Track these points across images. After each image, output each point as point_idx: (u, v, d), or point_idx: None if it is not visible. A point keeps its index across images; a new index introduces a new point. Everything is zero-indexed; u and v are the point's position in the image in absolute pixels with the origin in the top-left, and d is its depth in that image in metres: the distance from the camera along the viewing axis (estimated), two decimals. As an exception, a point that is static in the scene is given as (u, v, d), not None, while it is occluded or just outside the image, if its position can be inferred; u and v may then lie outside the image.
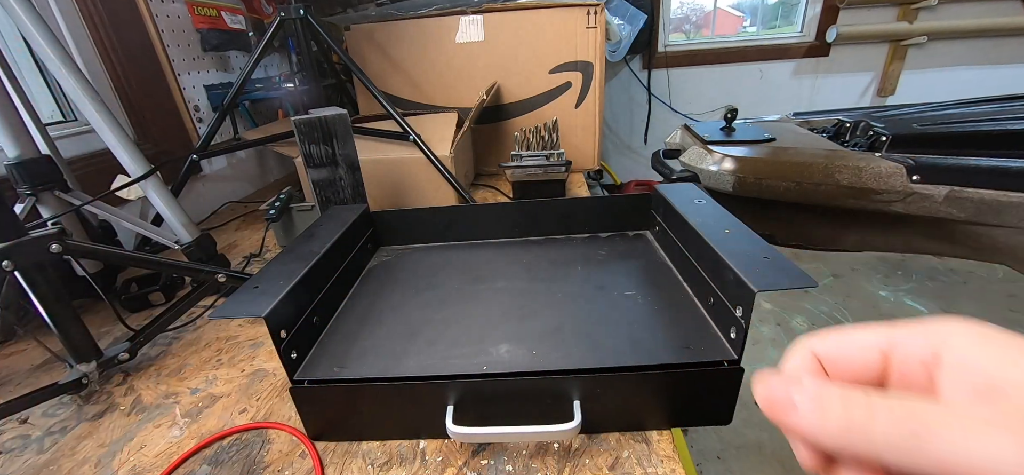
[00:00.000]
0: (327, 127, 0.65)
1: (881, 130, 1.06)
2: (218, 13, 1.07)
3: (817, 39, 2.16)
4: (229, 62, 1.16)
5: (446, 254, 0.61)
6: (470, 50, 1.02)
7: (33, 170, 0.57)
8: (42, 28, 0.56)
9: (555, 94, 1.03)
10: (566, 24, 0.97)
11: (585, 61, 0.99)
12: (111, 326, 0.62)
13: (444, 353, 0.41)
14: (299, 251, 0.47)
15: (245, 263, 0.77)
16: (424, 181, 0.84)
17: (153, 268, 0.64)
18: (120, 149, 0.62)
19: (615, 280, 0.50)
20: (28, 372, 0.55)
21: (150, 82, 0.94)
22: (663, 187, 0.56)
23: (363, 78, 0.89)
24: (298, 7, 0.87)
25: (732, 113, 1.17)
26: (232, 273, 0.59)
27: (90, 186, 0.66)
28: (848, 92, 2.28)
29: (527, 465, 0.36)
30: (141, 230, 0.66)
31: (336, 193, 0.69)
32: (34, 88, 0.82)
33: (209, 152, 0.85)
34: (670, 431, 0.38)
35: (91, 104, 0.59)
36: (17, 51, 0.78)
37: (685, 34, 2.37)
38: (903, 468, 0.14)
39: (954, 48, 2.12)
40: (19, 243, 0.42)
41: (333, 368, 0.40)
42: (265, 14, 1.22)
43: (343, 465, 0.38)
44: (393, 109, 0.83)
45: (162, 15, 0.95)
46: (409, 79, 1.08)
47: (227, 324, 0.60)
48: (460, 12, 1.00)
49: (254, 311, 0.35)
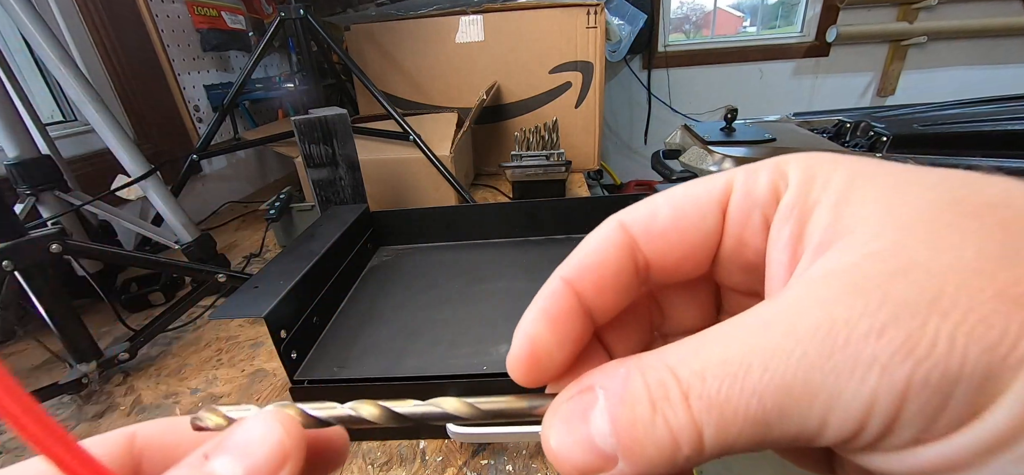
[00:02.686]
0: (327, 127, 0.65)
1: (882, 130, 1.06)
2: (218, 13, 1.07)
3: (817, 39, 2.16)
4: (229, 62, 1.16)
5: (446, 254, 0.61)
6: (470, 50, 1.02)
7: (33, 170, 0.57)
8: (42, 28, 0.56)
9: (555, 94, 1.03)
10: (566, 24, 0.97)
11: (585, 61, 0.99)
12: (111, 326, 0.62)
13: (444, 353, 0.41)
14: (299, 251, 0.47)
15: (245, 263, 0.77)
16: (424, 181, 0.84)
17: (153, 268, 0.64)
18: (120, 149, 0.62)
19: (615, 280, 0.50)
20: (28, 372, 0.55)
21: (150, 82, 0.94)
22: (663, 187, 0.56)
23: (363, 78, 0.89)
24: (298, 7, 0.87)
25: (732, 113, 1.17)
26: (232, 273, 0.59)
27: (90, 186, 0.66)
28: (848, 92, 2.27)
29: (527, 465, 0.36)
30: (141, 230, 0.66)
31: (336, 193, 0.69)
32: (34, 88, 0.82)
33: (209, 152, 0.85)
34: (670, 431, 0.38)
35: (91, 104, 0.59)
36: (17, 51, 0.78)
37: (685, 34, 2.37)
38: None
39: (954, 48, 2.12)
40: (19, 243, 0.42)
41: (333, 368, 0.40)
42: (265, 14, 1.22)
43: (343, 465, 0.38)
44: (393, 109, 0.83)
45: (162, 15, 0.95)
46: (409, 79, 1.08)
47: (227, 324, 0.60)
48: (460, 12, 0.99)
49: (254, 311, 0.35)
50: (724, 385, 0.09)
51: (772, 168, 0.12)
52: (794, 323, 0.09)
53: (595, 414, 0.10)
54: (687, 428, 0.09)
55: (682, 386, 0.09)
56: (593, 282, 0.12)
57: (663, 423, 0.09)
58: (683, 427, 0.09)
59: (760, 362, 0.09)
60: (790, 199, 0.11)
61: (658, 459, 0.09)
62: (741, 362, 0.09)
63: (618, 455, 0.10)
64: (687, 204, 0.12)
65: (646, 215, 0.12)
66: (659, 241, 0.12)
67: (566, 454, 0.10)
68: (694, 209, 0.12)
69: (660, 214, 0.12)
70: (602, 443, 0.10)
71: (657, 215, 0.12)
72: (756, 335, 0.09)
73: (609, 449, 0.10)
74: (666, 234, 0.12)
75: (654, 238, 0.12)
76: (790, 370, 0.08)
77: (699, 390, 0.09)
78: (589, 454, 0.10)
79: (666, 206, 0.12)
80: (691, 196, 0.12)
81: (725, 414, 0.09)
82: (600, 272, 0.12)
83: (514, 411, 0.12)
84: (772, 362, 0.09)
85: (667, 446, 0.09)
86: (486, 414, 0.12)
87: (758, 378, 0.09)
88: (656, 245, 0.12)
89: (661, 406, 0.09)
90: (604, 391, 0.10)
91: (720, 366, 0.09)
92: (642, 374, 0.10)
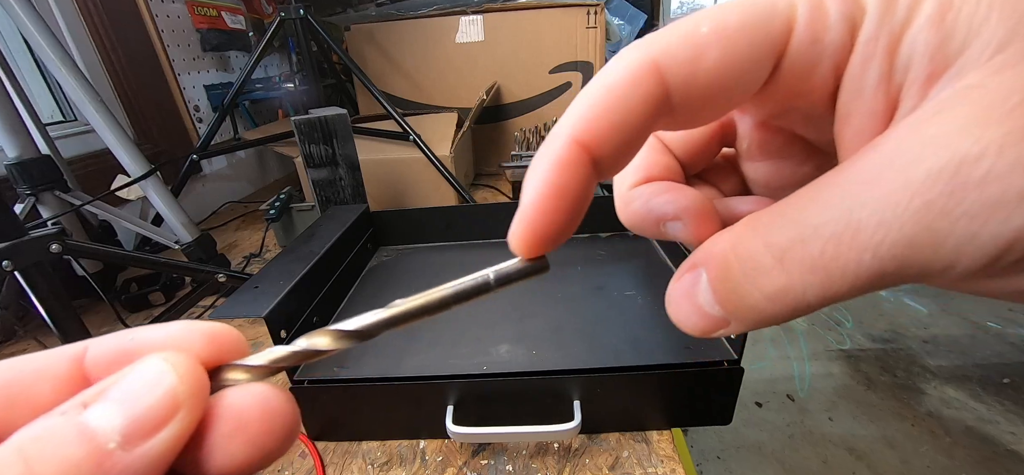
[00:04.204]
0: (327, 127, 0.65)
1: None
2: (218, 13, 1.07)
3: (817, 39, 2.16)
4: (229, 62, 1.16)
5: (446, 254, 0.61)
6: (470, 50, 1.02)
7: (33, 170, 0.57)
8: (42, 28, 0.56)
9: (555, 94, 1.03)
10: (566, 24, 0.97)
11: (585, 61, 0.99)
12: (111, 326, 0.62)
13: (444, 353, 0.41)
14: (299, 251, 0.47)
15: (245, 263, 0.77)
16: (424, 181, 0.84)
17: (153, 268, 0.64)
18: (120, 149, 0.62)
19: (615, 280, 0.50)
20: (28, 372, 0.54)
21: (150, 82, 0.94)
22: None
23: (363, 78, 0.89)
24: (298, 7, 0.87)
25: (732, 113, 1.17)
26: (232, 273, 0.59)
27: (90, 186, 0.66)
28: (848, 92, 2.28)
29: (527, 465, 0.36)
30: (141, 230, 0.66)
31: (336, 193, 0.69)
32: (34, 88, 0.82)
33: (209, 152, 0.85)
34: (670, 431, 0.38)
35: (91, 104, 0.59)
36: (17, 51, 0.78)
37: (685, 34, 2.37)
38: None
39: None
40: (19, 243, 0.43)
41: (333, 368, 0.40)
42: (265, 14, 1.22)
43: (343, 465, 0.38)
44: (393, 109, 0.83)
45: (162, 15, 0.95)
46: (409, 79, 1.08)
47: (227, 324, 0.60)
48: (460, 12, 0.99)
49: (254, 311, 0.35)
50: (829, 246, 0.09)
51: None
52: (908, 172, 0.08)
53: (701, 290, 0.11)
54: (783, 292, 0.09)
55: (775, 253, 0.09)
56: (613, 142, 0.10)
57: (759, 291, 0.10)
58: (779, 290, 0.09)
59: (871, 219, 0.08)
60: (871, 28, 0.09)
61: (763, 318, 0.10)
62: (847, 223, 0.08)
63: (727, 318, 0.11)
64: (740, 44, 0.10)
65: (689, 56, 0.10)
66: (699, 93, 0.10)
67: (685, 321, 0.12)
68: (747, 51, 0.10)
69: (708, 58, 0.10)
70: (711, 311, 0.11)
71: (703, 58, 0.10)
72: (862, 190, 0.08)
73: (718, 314, 0.11)
74: (710, 84, 0.10)
75: (694, 90, 0.10)
76: (909, 222, 0.08)
77: (800, 254, 0.09)
78: (704, 320, 0.11)
79: (715, 45, 0.10)
80: (745, 30, 0.09)
81: (831, 273, 0.09)
82: (622, 129, 0.10)
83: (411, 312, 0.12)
84: (887, 215, 0.08)
85: (767, 309, 0.10)
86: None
87: (870, 235, 0.08)
88: (695, 98, 0.10)
89: (755, 277, 0.10)
90: (706, 269, 0.11)
91: (823, 227, 0.09)
92: (734, 251, 0.10)
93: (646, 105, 0.10)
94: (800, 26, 0.09)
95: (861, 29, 0.09)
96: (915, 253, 0.08)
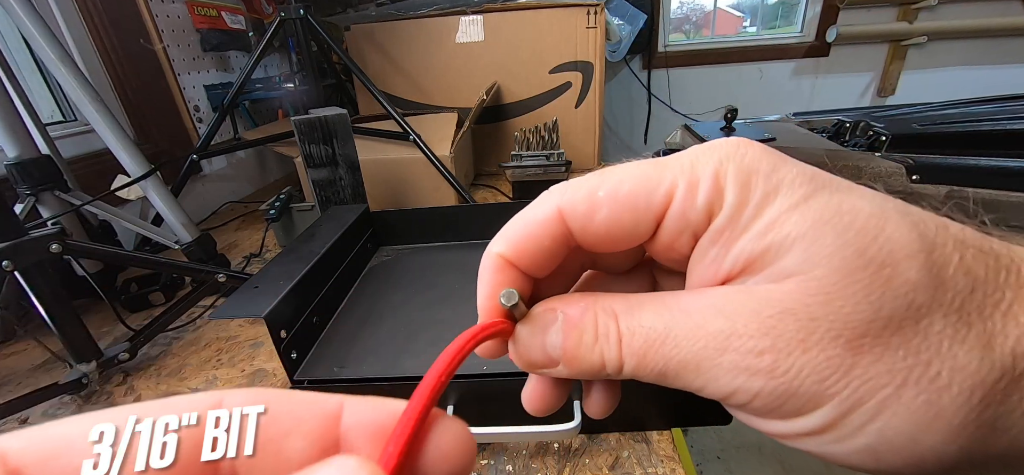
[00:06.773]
0: (327, 127, 0.65)
1: (881, 130, 1.06)
2: (218, 13, 1.07)
3: (817, 39, 2.15)
4: (229, 62, 1.16)
5: (446, 254, 0.61)
6: (470, 50, 1.02)
7: (33, 170, 0.57)
8: (42, 28, 0.56)
9: (555, 94, 1.03)
10: (566, 24, 0.97)
11: (585, 61, 0.99)
12: (111, 326, 0.62)
13: (444, 353, 0.41)
14: (299, 251, 0.47)
15: (245, 263, 0.77)
16: (424, 181, 0.84)
17: (153, 268, 0.64)
18: (120, 149, 0.62)
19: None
20: (28, 372, 0.55)
21: (150, 82, 0.93)
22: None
23: (363, 78, 0.89)
24: (298, 7, 0.87)
25: (732, 113, 1.17)
26: (232, 273, 0.59)
27: (90, 186, 0.66)
28: (848, 92, 2.27)
29: (527, 465, 0.36)
30: (141, 230, 0.66)
31: (336, 193, 0.69)
32: (34, 88, 0.82)
33: (209, 152, 0.85)
34: (670, 431, 0.38)
35: (91, 104, 0.59)
36: (17, 51, 0.78)
37: (685, 34, 2.37)
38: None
39: (954, 48, 2.12)
40: (19, 243, 0.42)
41: (333, 368, 0.40)
42: (265, 14, 1.22)
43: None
44: (393, 109, 0.83)
45: (162, 15, 0.95)
46: (409, 79, 1.08)
47: (227, 324, 0.60)
48: (460, 12, 1.00)
49: (254, 311, 0.35)
50: (647, 345, 0.13)
51: (711, 183, 0.13)
52: (703, 323, 0.12)
53: (553, 330, 0.14)
54: (614, 361, 0.13)
55: (619, 331, 0.13)
56: (529, 259, 0.14)
57: (599, 352, 0.14)
58: (612, 359, 0.13)
59: (673, 340, 0.13)
60: (721, 224, 0.13)
61: (588, 372, 0.14)
62: (662, 335, 0.13)
63: (561, 362, 0.14)
64: (625, 209, 0.13)
65: (584, 211, 0.13)
66: (592, 237, 0.14)
67: (524, 350, 0.15)
68: (631, 216, 0.13)
69: (598, 215, 0.13)
70: (552, 351, 0.14)
71: (595, 215, 0.13)
72: (677, 318, 0.13)
73: (556, 356, 0.14)
74: (599, 233, 0.14)
75: (588, 235, 0.14)
76: (692, 353, 0.12)
77: (629, 341, 0.13)
78: (540, 355, 0.15)
79: (606, 206, 0.13)
80: (630, 200, 0.13)
81: (643, 362, 0.13)
82: (535, 252, 0.14)
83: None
84: (683, 342, 0.12)
85: (597, 366, 0.14)
86: None
87: (670, 350, 0.13)
88: (590, 240, 0.14)
89: (601, 341, 0.14)
90: (564, 315, 0.14)
91: (649, 331, 0.13)
92: (594, 313, 0.14)
93: (553, 240, 0.14)
94: (675, 203, 0.13)
95: (715, 219, 0.13)
96: (687, 372, 0.13)
